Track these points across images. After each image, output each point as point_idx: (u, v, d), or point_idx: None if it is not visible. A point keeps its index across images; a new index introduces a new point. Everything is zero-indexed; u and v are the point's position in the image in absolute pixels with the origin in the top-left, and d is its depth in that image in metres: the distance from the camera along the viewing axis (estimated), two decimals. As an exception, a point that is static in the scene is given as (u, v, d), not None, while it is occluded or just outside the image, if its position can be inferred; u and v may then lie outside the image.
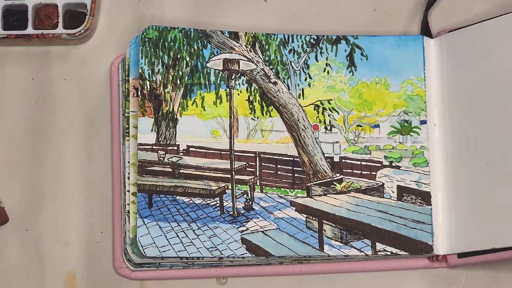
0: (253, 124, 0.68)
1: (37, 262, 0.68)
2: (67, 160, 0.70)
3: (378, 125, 0.69)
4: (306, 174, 0.68)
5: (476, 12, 0.72)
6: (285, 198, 0.67)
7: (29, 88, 0.71)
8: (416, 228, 0.66)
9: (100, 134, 0.70)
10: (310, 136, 0.68)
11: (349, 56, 0.69)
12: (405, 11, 0.73)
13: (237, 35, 0.69)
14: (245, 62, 0.69)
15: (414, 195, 0.67)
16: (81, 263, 0.68)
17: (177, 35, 0.68)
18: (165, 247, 0.64)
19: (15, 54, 0.71)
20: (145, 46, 0.67)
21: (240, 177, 0.67)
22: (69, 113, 0.71)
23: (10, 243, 0.69)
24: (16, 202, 0.69)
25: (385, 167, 0.68)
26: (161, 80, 0.67)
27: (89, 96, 0.71)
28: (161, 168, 0.66)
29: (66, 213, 0.69)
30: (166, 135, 0.67)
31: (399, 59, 0.69)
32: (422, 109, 0.69)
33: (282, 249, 0.65)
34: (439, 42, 0.69)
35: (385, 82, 0.69)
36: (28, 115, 0.70)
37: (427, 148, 0.68)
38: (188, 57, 0.68)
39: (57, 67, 0.71)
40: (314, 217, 0.67)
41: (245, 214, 0.66)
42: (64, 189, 0.69)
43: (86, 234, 0.69)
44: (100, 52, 0.71)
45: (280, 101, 0.69)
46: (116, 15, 0.72)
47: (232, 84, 0.68)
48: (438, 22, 0.72)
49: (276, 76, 0.69)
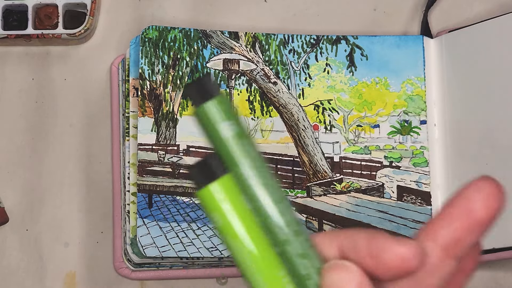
0: (253, 124, 0.68)
1: (37, 262, 0.68)
2: (67, 160, 0.70)
3: (378, 125, 0.69)
4: (306, 174, 0.68)
5: (476, 12, 0.72)
6: (285, 198, 0.67)
7: (29, 88, 0.71)
8: (416, 228, 0.66)
9: (100, 134, 0.70)
10: (310, 136, 0.68)
11: (349, 56, 0.69)
12: (405, 11, 0.73)
13: (237, 35, 0.69)
14: (245, 62, 0.69)
15: (414, 195, 0.67)
16: (81, 263, 0.68)
17: (177, 35, 0.68)
18: (165, 247, 0.64)
19: (15, 54, 0.71)
20: (145, 46, 0.67)
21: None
22: (69, 113, 0.70)
23: (10, 243, 0.69)
24: (16, 202, 0.69)
25: (385, 167, 0.68)
26: (161, 80, 0.67)
27: (89, 96, 0.71)
28: (161, 168, 0.66)
29: (66, 213, 0.69)
30: (166, 135, 0.67)
31: (399, 59, 0.69)
32: (422, 109, 0.69)
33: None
34: (439, 42, 0.69)
35: (385, 82, 0.69)
36: (28, 115, 0.70)
37: (427, 148, 0.68)
38: (188, 57, 0.68)
39: (57, 67, 0.71)
40: (314, 217, 0.67)
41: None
42: (64, 189, 0.69)
43: (86, 234, 0.69)
44: (100, 52, 0.71)
45: (280, 101, 0.69)
46: (116, 15, 0.72)
47: (232, 84, 0.68)
48: (438, 22, 0.72)
49: (276, 76, 0.69)
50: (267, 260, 0.32)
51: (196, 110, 0.32)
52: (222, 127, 0.32)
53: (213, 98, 0.32)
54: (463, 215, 0.32)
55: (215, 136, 0.32)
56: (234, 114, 0.32)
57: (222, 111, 0.32)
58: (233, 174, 0.32)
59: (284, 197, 0.33)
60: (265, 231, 0.32)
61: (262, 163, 0.32)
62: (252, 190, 0.32)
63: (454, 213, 0.32)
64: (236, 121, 0.32)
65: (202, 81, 0.32)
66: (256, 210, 0.32)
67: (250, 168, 0.32)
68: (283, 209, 0.32)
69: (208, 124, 0.32)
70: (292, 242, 0.32)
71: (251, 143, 0.32)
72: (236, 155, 0.32)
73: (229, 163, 0.32)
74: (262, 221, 0.32)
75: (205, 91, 0.32)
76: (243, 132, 0.32)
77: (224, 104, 0.32)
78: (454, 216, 0.32)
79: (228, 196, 0.32)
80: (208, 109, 0.32)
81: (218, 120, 0.32)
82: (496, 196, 0.32)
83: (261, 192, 0.32)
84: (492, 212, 0.32)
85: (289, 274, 0.32)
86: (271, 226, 0.32)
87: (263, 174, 0.32)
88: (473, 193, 0.32)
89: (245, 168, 0.32)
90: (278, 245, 0.32)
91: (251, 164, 0.32)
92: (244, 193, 0.32)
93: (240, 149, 0.32)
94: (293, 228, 0.32)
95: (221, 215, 0.32)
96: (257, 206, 0.32)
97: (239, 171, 0.32)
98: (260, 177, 0.32)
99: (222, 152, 0.32)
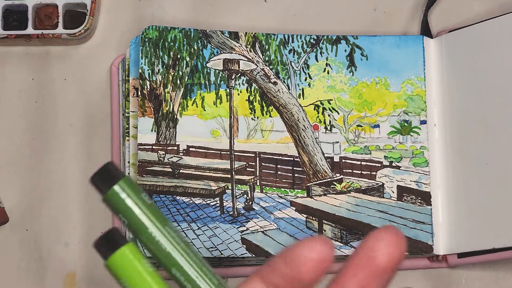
0: (253, 124, 0.68)
1: (37, 262, 0.68)
2: (67, 160, 0.70)
3: (378, 125, 0.69)
4: (306, 174, 0.68)
5: (476, 12, 0.72)
6: (285, 198, 0.67)
7: (29, 88, 0.71)
8: (416, 228, 0.66)
9: (100, 134, 0.70)
10: (310, 136, 0.68)
11: (349, 56, 0.69)
12: (405, 11, 0.73)
13: (237, 35, 0.69)
14: (245, 62, 0.69)
15: (414, 195, 0.67)
16: (81, 263, 0.68)
17: (177, 35, 0.68)
18: (165, 247, 0.64)
19: (15, 54, 0.71)
20: (145, 46, 0.67)
21: (240, 177, 0.67)
22: (69, 113, 0.70)
23: (10, 243, 0.69)
24: (16, 202, 0.69)
25: (385, 167, 0.68)
26: (161, 80, 0.67)
27: (89, 96, 0.71)
28: (161, 168, 0.66)
29: (66, 213, 0.69)
30: (166, 135, 0.67)
31: (399, 59, 0.69)
32: (422, 109, 0.69)
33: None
34: (439, 42, 0.69)
35: (385, 82, 0.69)
36: (28, 115, 0.70)
37: (427, 148, 0.68)
38: (188, 57, 0.68)
39: (57, 67, 0.71)
40: (314, 217, 0.67)
41: (245, 214, 0.66)
42: (64, 189, 0.69)
43: (86, 234, 0.69)
44: (100, 52, 0.71)
45: (280, 101, 0.69)
46: (116, 15, 0.72)
47: (232, 84, 0.68)
48: (438, 22, 0.72)
49: (276, 76, 0.69)
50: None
51: (106, 196, 0.37)
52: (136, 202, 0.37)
53: (119, 181, 0.37)
54: (367, 264, 0.34)
55: (130, 212, 0.37)
56: (141, 190, 0.37)
57: (131, 190, 0.37)
58: (143, 238, 0.37)
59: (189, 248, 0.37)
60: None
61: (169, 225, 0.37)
62: (161, 247, 0.37)
63: (359, 263, 0.34)
64: (144, 196, 0.37)
65: (106, 167, 0.38)
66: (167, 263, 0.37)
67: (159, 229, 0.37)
68: (193, 261, 0.37)
69: (120, 204, 0.37)
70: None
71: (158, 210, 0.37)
72: (149, 222, 0.37)
73: (140, 229, 0.37)
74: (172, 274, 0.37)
75: (110, 177, 0.38)
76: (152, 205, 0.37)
77: (130, 184, 0.37)
78: (359, 265, 0.34)
79: (135, 259, 0.36)
80: (118, 191, 0.37)
81: (131, 197, 0.37)
82: (396, 244, 0.34)
83: (169, 247, 0.37)
84: (393, 259, 0.34)
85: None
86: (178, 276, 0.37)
87: (170, 234, 0.37)
88: (374, 242, 0.34)
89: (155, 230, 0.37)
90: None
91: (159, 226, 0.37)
92: (155, 252, 0.37)
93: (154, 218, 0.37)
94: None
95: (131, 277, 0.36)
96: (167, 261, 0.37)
97: (151, 234, 0.37)
98: (170, 237, 0.37)
99: (134, 222, 0.37)
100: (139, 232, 0.37)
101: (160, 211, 0.37)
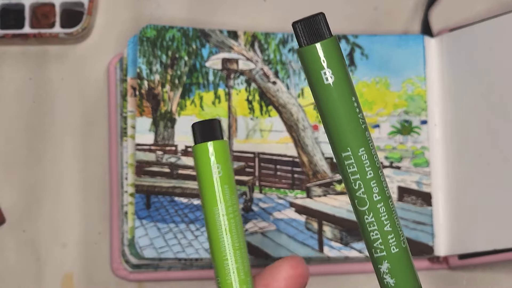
0: (252, 124, 0.68)
1: (35, 263, 0.68)
2: (65, 160, 0.69)
3: (378, 125, 0.69)
4: (305, 174, 0.67)
5: (477, 11, 0.72)
6: (285, 199, 0.67)
7: (26, 88, 0.70)
8: (417, 229, 0.66)
9: (98, 134, 0.70)
10: (309, 136, 0.68)
11: (349, 55, 0.69)
12: (405, 10, 0.72)
13: (236, 34, 0.69)
14: (244, 62, 0.68)
15: (415, 195, 0.67)
16: (78, 264, 0.68)
17: (176, 34, 0.68)
18: (163, 248, 0.64)
19: (12, 53, 0.71)
20: (143, 45, 0.67)
21: (239, 178, 0.67)
22: (66, 113, 0.70)
23: (7, 244, 0.68)
24: (13, 203, 0.69)
25: (386, 168, 0.68)
26: (159, 80, 0.67)
27: (86, 96, 0.70)
28: (159, 169, 0.66)
29: (63, 214, 0.69)
30: (164, 135, 0.66)
31: (400, 59, 0.69)
32: (423, 109, 0.68)
33: (281, 250, 0.65)
34: (440, 41, 0.69)
35: (385, 82, 0.69)
36: (25, 115, 0.70)
37: (427, 148, 0.68)
38: (186, 57, 0.68)
39: (55, 66, 0.71)
40: (313, 218, 0.66)
41: (244, 215, 0.66)
42: (61, 190, 0.69)
43: (84, 235, 0.68)
44: (98, 52, 0.71)
45: (279, 101, 0.68)
46: (113, 14, 0.72)
47: (230, 83, 0.68)
48: (439, 21, 0.71)
49: (276, 75, 0.68)
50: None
51: (304, 49, 0.34)
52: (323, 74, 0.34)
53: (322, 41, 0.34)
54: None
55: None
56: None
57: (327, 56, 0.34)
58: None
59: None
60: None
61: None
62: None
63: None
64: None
65: (314, 19, 0.35)
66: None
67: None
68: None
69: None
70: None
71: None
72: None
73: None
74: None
75: (315, 32, 0.35)
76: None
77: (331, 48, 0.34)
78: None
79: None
80: (317, 50, 0.35)
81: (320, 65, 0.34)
82: (298, 278, 0.36)
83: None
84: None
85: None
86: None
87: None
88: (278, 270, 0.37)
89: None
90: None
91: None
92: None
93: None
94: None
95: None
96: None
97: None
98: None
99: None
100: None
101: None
